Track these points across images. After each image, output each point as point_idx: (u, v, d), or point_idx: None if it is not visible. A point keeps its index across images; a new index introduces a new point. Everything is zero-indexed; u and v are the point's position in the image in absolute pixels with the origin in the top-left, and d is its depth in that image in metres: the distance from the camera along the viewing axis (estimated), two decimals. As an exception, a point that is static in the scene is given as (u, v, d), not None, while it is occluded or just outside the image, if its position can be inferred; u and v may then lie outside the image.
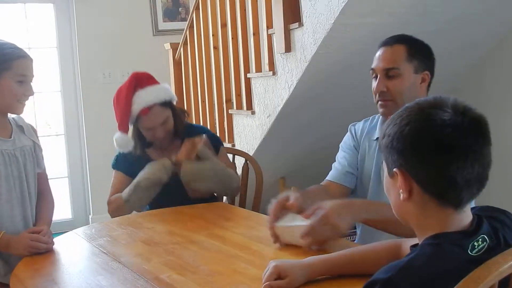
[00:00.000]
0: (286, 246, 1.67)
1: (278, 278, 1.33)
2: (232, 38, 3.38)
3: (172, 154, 2.36)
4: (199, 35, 3.80)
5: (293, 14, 2.75)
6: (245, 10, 3.24)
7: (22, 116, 2.10)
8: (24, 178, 2.00)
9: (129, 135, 2.39)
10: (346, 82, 2.81)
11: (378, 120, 1.97)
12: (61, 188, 4.91)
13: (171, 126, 2.40)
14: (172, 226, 2.07)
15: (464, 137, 0.99)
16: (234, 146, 3.45)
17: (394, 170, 1.04)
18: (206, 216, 2.18)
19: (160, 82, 2.42)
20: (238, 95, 3.43)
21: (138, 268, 1.59)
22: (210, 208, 2.30)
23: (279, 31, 2.82)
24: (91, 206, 4.84)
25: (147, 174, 2.28)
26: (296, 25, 2.71)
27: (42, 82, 4.76)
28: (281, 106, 2.92)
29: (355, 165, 1.98)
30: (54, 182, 4.80)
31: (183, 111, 2.58)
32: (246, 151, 2.97)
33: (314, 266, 1.37)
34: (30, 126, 2.14)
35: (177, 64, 4.22)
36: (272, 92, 2.99)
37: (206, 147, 2.33)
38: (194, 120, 3.97)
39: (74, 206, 4.95)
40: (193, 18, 3.87)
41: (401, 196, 1.05)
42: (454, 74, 3.05)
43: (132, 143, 2.39)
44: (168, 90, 2.43)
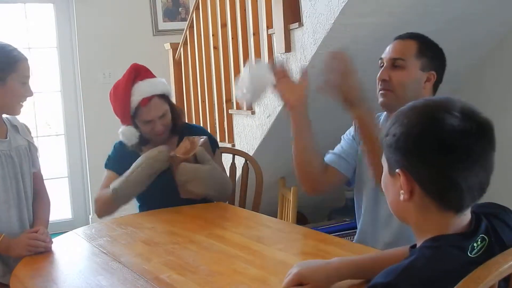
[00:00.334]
0: (290, 246, 1.66)
1: (299, 284, 1.28)
2: (232, 38, 3.38)
3: (169, 150, 2.32)
4: (199, 35, 3.80)
5: (293, 14, 2.75)
6: (245, 10, 3.24)
7: (19, 117, 2.08)
8: (20, 178, 1.99)
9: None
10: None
11: (381, 117, 1.97)
12: (61, 188, 4.91)
13: (169, 121, 2.37)
14: (172, 226, 2.07)
15: (471, 143, 0.99)
16: (234, 146, 3.45)
17: (397, 170, 1.04)
18: (206, 216, 2.17)
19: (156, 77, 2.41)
20: (238, 95, 3.42)
21: (138, 268, 1.59)
22: (210, 208, 2.30)
23: (279, 31, 2.82)
24: (91, 206, 4.84)
25: (147, 159, 2.23)
26: (296, 25, 2.71)
27: (42, 82, 4.76)
28: (281, 106, 2.92)
29: (351, 154, 1.96)
30: (54, 182, 4.87)
31: (181, 109, 2.57)
32: (246, 151, 2.97)
33: (340, 270, 1.30)
34: (24, 125, 2.13)
35: (177, 64, 4.22)
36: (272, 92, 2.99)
37: (205, 150, 2.28)
38: (194, 120, 3.96)
39: (74, 206, 4.95)
40: (193, 18, 3.87)
41: (401, 196, 1.04)
42: (454, 74, 3.03)
43: (138, 134, 2.35)
44: (165, 84, 2.43)
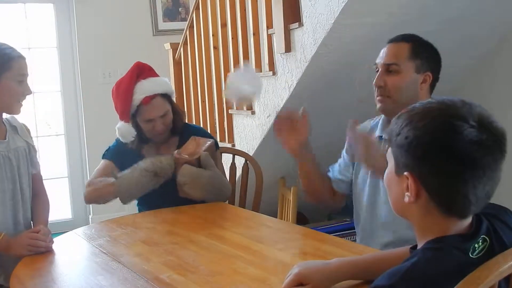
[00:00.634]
0: (290, 246, 1.66)
1: (300, 285, 1.27)
2: (232, 38, 3.38)
3: (169, 150, 2.32)
4: (199, 35, 3.80)
5: (293, 14, 2.75)
6: (245, 10, 3.24)
7: (19, 115, 2.07)
8: (17, 180, 1.99)
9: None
10: (347, 82, 2.80)
11: (380, 119, 1.96)
12: (61, 188, 4.91)
13: (170, 121, 2.38)
14: (172, 226, 2.07)
15: (486, 155, 0.98)
16: (234, 146, 3.45)
17: (405, 173, 1.03)
18: (206, 216, 2.17)
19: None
20: (238, 95, 3.42)
21: (138, 268, 1.59)
22: (210, 208, 2.29)
23: (279, 31, 2.82)
24: (91, 206, 4.83)
25: (160, 163, 2.22)
26: (296, 25, 2.71)
27: (42, 82, 4.76)
28: (281, 106, 2.92)
29: (347, 172, 2.03)
30: (54, 182, 4.87)
31: (182, 110, 2.58)
32: (246, 151, 2.97)
33: (340, 270, 1.29)
34: (24, 126, 2.12)
35: (177, 64, 4.22)
36: (272, 92, 2.99)
37: (210, 155, 2.27)
38: (194, 120, 3.96)
39: (74, 206, 4.95)
40: (193, 18, 3.87)
41: (406, 198, 1.04)
42: (453, 74, 3.04)
43: (134, 133, 2.34)
44: (168, 83, 2.45)
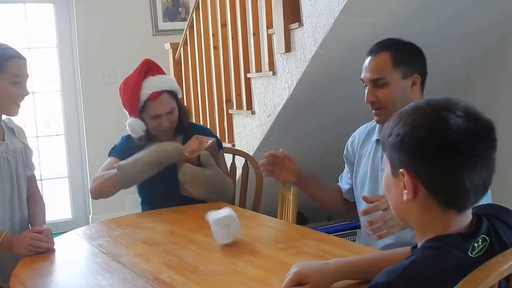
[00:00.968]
0: (290, 246, 1.66)
1: (299, 284, 1.27)
2: (232, 38, 3.38)
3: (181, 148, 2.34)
4: (199, 35, 3.80)
5: (293, 14, 2.75)
6: (245, 10, 3.24)
7: (19, 117, 2.07)
8: (15, 181, 1.99)
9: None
10: (347, 82, 2.80)
11: (374, 124, 1.97)
12: (61, 188, 4.91)
13: (176, 119, 2.40)
14: (172, 226, 2.07)
15: (475, 143, 0.99)
16: (234, 146, 3.45)
17: (401, 170, 1.03)
18: (206, 216, 2.17)
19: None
20: (238, 95, 3.42)
21: (138, 268, 1.59)
22: (210, 208, 2.28)
23: (279, 31, 2.82)
24: (91, 206, 4.84)
25: (165, 152, 2.23)
26: (296, 25, 2.71)
27: (42, 82, 4.76)
28: (281, 106, 2.92)
29: (350, 179, 2.05)
30: (54, 182, 4.88)
31: (188, 110, 2.60)
32: (246, 151, 2.97)
33: (340, 270, 1.29)
34: (20, 128, 2.12)
35: (177, 64, 4.22)
36: (272, 92, 2.99)
37: (211, 154, 2.27)
38: (194, 120, 3.96)
39: (74, 206, 4.95)
40: (193, 18, 3.87)
41: (404, 196, 1.04)
42: (453, 74, 3.04)
43: (144, 127, 2.36)
44: (175, 82, 2.48)
